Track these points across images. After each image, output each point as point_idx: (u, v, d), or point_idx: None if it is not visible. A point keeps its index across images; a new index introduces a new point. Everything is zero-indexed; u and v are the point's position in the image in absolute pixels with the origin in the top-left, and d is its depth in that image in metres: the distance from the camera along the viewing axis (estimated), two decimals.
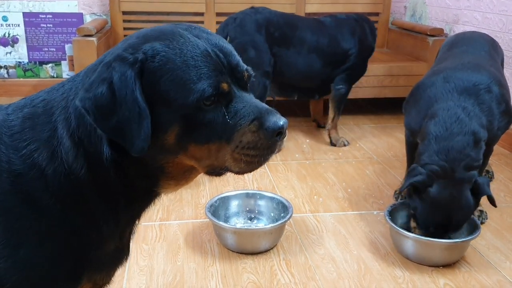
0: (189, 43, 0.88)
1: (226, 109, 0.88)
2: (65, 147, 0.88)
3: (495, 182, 2.49)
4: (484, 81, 1.93)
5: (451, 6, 3.52)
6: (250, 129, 0.87)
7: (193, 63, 0.86)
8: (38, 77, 3.94)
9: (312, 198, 2.30)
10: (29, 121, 0.91)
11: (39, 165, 0.87)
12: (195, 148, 0.89)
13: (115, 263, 1.02)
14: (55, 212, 0.88)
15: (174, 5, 3.86)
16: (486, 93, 1.90)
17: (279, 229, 1.87)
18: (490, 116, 1.89)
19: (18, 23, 3.84)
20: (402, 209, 1.97)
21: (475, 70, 1.99)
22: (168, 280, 1.70)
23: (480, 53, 2.19)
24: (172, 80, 0.85)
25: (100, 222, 0.93)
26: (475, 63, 2.05)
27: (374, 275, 1.74)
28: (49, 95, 0.94)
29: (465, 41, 2.33)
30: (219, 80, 0.86)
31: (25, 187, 0.87)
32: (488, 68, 2.03)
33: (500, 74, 2.09)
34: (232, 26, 2.76)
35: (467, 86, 1.91)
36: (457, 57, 2.17)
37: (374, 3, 4.14)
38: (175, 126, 0.86)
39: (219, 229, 1.86)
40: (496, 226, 2.07)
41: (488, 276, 1.74)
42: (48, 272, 0.88)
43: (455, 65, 2.05)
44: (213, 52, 0.88)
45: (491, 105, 1.90)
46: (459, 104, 1.87)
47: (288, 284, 1.68)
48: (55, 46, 3.92)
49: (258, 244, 1.84)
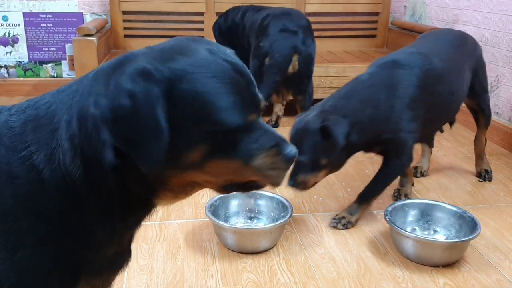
0: (215, 63, 0.87)
1: (250, 134, 0.90)
2: (63, 148, 0.86)
3: (494, 182, 2.49)
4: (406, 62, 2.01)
5: (451, 6, 3.52)
6: (270, 153, 0.92)
7: (224, 89, 0.85)
8: (38, 76, 3.95)
9: (312, 198, 2.30)
10: (30, 123, 0.90)
11: (37, 167, 0.86)
12: (219, 165, 0.90)
13: (114, 267, 1.02)
14: (52, 215, 0.87)
15: (174, 4, 3.86)
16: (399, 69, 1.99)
17: (279, 229, 1.87)
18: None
19: (18, 22, 3.85)
20: (402, 209, 1.97)
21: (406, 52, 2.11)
22: (168, 279, 1.70)
23: (437, 44, 2.22)
24: (201, 103, 0.84)
25: (96, 226, 0.91)
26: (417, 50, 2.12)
27: (373, 275, 1.74)
28: (53, 97, 0.93)
29: (432, 35, 2.38)
30: (248, 112, 0.88)
31: (23, 189, 0.86)
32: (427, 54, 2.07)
33: (452, 64, 2.11)
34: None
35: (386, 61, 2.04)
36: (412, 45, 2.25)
37: (374, 2, 4.15)
38: (202, 147, 0.86)
39: (219, 228, 1.86)
40: (495, 225, 2.07)
41: (488, 275, 1.74)
42: (44, 275, 0.88)
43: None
44: (239, 77, 0.89)
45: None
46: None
47: (288, 284, 1.69)
48: (55, 45, 3.93)
49: (258, 244, 1.84)
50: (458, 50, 2.22)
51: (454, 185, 2.45)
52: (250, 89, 0.91)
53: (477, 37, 3.22)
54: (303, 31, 2.76)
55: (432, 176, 2.55)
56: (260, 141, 0.92)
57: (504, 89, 3.00)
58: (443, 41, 2.24)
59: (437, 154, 2.82)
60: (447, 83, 2.09)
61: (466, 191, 2.39)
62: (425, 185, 2.44)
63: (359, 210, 2.04)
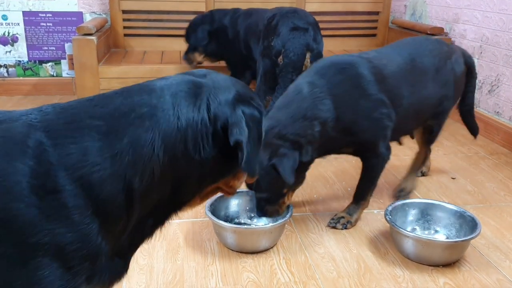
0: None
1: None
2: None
3: (495, 181, 2.49)
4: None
5: (451, 5, 3.51)
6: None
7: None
8: (38, 76, 3.94)
9: (312, 197, 2.30)
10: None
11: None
12: (240, 172, 1.04)
13: (112, 278, 0.99)
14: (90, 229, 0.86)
15: (174, 4, 3.86)
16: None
17: (279, 228, 1.87)
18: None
19: (17, 21, 3.84)
20: (403, 208, 1.97)
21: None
22: (168, 279, 1.70)
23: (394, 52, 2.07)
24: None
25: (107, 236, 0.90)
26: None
27: (374, 274, 1.74)
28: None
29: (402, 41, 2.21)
30: None
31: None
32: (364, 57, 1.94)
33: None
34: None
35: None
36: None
37: (374, 1, 4.14)
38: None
39: (219, 228, 1.86)
40: (496, 225, 2.07)
41: (488, 275, 1.74)
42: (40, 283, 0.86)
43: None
44: None
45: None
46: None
47: (288, 283, 1.68)
48: (55, 45, 3.92)
49: (258, 243, 1.84)
50: (418, 58, 2.05)
51: (454, 184, 2.45)
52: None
53: (478, 36, 3.22)
54: (313, 28, 2.79)
55: (432, 175, 2.55)
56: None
57: (505, 88, 3.00)
58: (404, 50, 2.08)
59: (437, 154, 2.82)
60: (396, 88, 1.95)
61: (466, 190, 2.39)
62: (425, 185, 2.44)
63: (357, 210, 2.03)
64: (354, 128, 1.87)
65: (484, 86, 3.18)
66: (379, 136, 1.92)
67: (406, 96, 1.97)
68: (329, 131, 1.80)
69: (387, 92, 1.91)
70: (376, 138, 1.92)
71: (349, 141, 1.91)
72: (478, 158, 2.78)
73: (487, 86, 3.15)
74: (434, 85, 2.08)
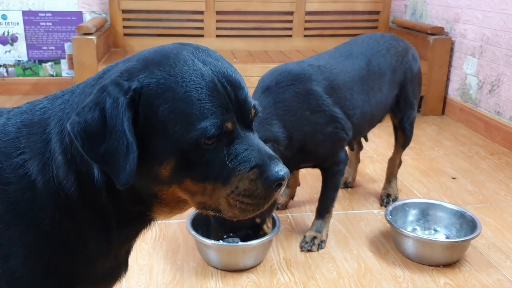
0: (193, 71, 0.80)
1: (227, 149, 0.82)
2: (57, 162, 0.84)
3: (495, 182, 2.48)
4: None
5: (452, 5, 3.51)
6: (248, 176, 0.82)
7: (197, 95, 0.78)
8: (37, 75, 3.94)
9: (313, 197, 2.29)
10: (25, 128, 0.87)
11: (30, 176, 0.84)
12: (190, 183, 0.83)
13: (110, 279, 0.99)
14: (43, 225, 0.84)
15: (174, 3, 3.85)
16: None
17: (262, 246, 1.75)
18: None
19: (17, 21, 3.84)
20: (403, 208, 1.97)
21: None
22: (168, 279, 1.69)
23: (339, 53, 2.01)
24: (171, 112, 0.78)
25: (90, 239, 0.89)
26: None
27: (374, 274, 1.73)
28: (49, 103, 0.90)
29: (350, 43, 2.15)
30: (224, 119, 0.79)
31: (14, 196, 0.84)
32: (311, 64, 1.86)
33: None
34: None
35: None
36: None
37: (375, 1, 4.14)
38: (171, 160, 0.81)
39: (199, 244, 1.76)
40: (496, 225, 2.07)
41: (489, 275, 1.74)
42: (35, 286, 0.86)
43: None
44: (220, 84, 0.81)
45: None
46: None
47: (288, 283, 1.68)
48: (55, 44, 3.92)
49: (241, 261, 1.73)
50: (374, 60, 1.99)
51: (455, 184, 2.45)
52: (229, 94, 0.82)
53: (478, 36, 3.22)
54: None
55: (432, 175, 2.54)
56: (239, 159, 0.83)
57: (505, 88, 2.99)
58: (355, 51, 2.02)
59: (438, 154, 2.82)
60: (348, 90, 1.88)
61: (466, 190, 2.38)
62: (425, 185, 2.43)
63: (324, 225, 1.94)
64: (309, 145, 1.78)
65: (485, 86, 3.17)
66: (336, 149, 1.85)
67: (360, 106, 1.89)
68: (282, 151, 1.70)
69: (339, 104, 1.82)
70: (333, 151, 1.85)
71: (306, 158, 1.84)
72: (479, 158, 2.78)
73: (488, 86, 3.14)
74: (390, 87, 2.02)
